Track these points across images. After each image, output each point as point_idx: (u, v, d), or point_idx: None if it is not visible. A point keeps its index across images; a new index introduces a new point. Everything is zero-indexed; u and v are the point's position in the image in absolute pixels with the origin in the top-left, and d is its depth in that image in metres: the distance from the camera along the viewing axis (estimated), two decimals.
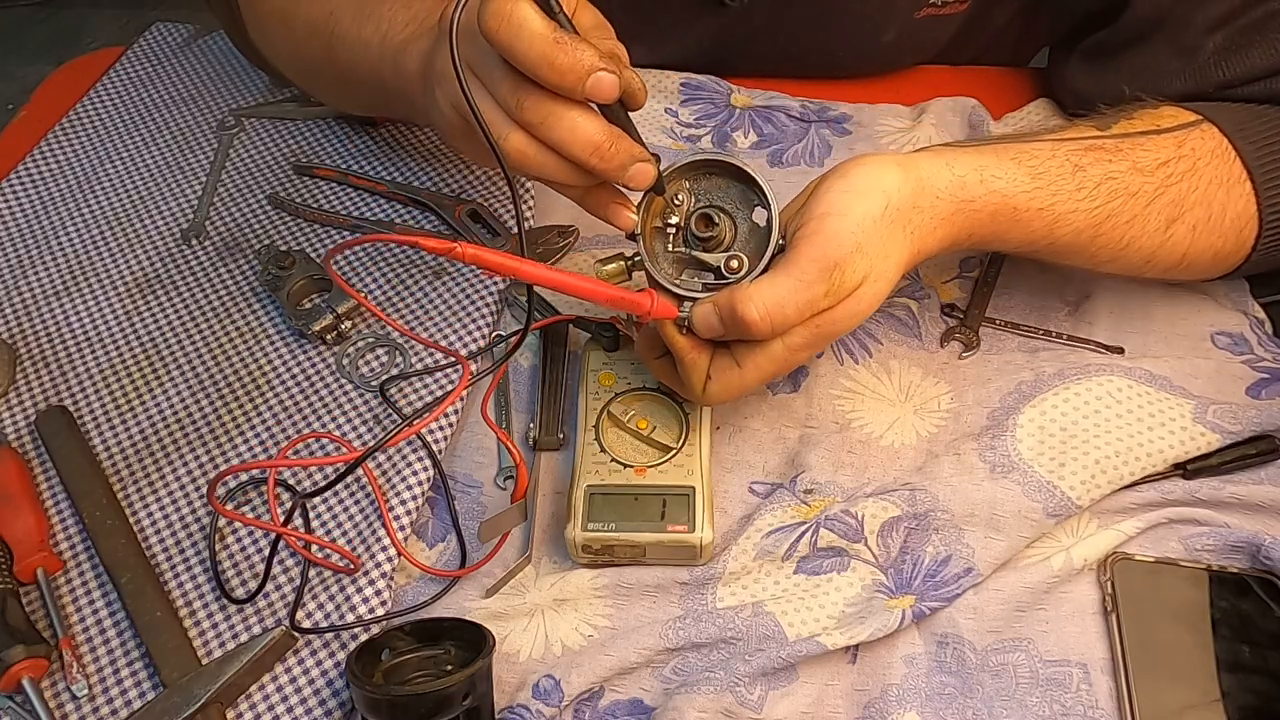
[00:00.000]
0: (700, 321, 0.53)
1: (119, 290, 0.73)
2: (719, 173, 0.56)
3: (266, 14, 0.75)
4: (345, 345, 0.69)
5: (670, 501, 0.56)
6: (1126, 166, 0.59)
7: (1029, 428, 0.60)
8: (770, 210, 0.54)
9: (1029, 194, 0.56)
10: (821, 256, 0.51)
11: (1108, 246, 0.60)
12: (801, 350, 0.53)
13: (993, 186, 0.55)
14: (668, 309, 0.54)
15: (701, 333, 0.53)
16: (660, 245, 0.56)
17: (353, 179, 0.79)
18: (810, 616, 0.54)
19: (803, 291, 0.51)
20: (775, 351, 0.53)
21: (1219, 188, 0.60)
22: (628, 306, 0.52)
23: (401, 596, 0.58)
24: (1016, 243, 0.58)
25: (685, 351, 0.55)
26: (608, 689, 0.54)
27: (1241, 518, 0.58)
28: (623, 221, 0.55)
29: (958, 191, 0.55)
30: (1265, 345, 0.66)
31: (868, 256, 0.52)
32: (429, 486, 0.61)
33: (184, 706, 0.52)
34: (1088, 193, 0.57)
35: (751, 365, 0.54)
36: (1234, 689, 0.52)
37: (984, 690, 0.53)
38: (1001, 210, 0.56)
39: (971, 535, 0.56)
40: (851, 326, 0.53)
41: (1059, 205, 0.57)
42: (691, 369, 0.55)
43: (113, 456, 0.64)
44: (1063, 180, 0.57)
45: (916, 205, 0.53)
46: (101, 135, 0.84)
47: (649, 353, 0.60)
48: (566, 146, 0.50)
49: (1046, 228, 0.57)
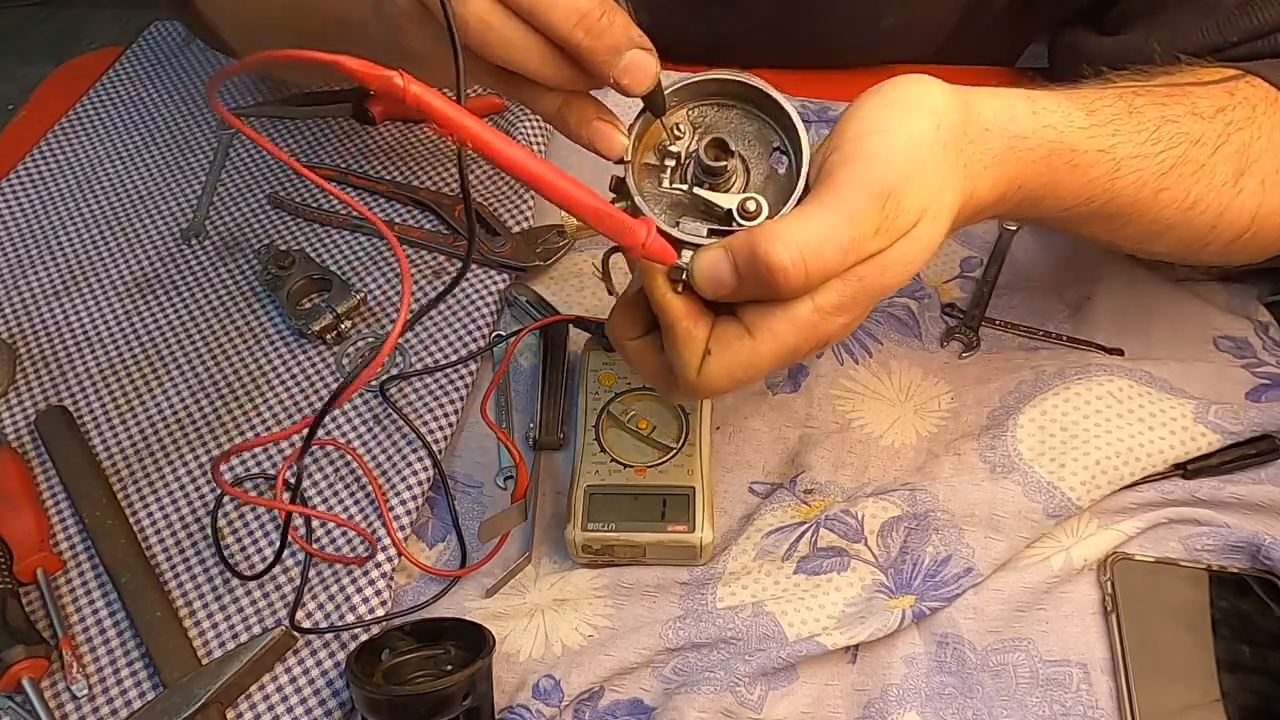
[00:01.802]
0: (706, 271, 0.41)
1: (119, 290, 0.73)
2: (732, 102, 0.45)
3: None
4: (345, 345, 0.69)
5: (670, 501, 0.56)
6: (1183, 110, 0.51)
7: (1029, 428, 0.60)
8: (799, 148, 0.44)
9: (1086, 131, 0.47)
10: (869, 182, 0.40)
11: (1172, 205, 0.51)
12: (836, 314, 0.41)
13: (1046, 120, 0.46)
14: (664, 249, 0.42)
15: (707, 288, 0.42)
16: (652, 185, 0.45)
17: (353, 179, 0.79)
18: (810, 616, 0.54)
19: (847, 228, 0.39)
20: (802, 315, 0.41)
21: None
22: (612, 227, 0.40)
23: (401, 596, 0.58)
24: (1072, 198, 0.49)
25: (679, 318, 0.43)
26: (608, 689, 0.54)
27: (1241, 518, 0.58)
28: (609, 143, 0.44)
29: (1008, 124, 0.45)
30: (1270, 350, 0.65)
31: (925, 185, 0.41)
32: (429, 486, 0.61)
33: (184, 706, 0.52)
34: (1149, 134, 0.49)
35: (768, 334, 0.42)
36: (1234, 689, 0.52)
37: (984, 690, 0.53)
38: (1057, 151, 0.47)
39: (971, 535, 0.56)
40: (902, 281, 0.42)
41: (1120, 148, 0.48)
42: (685, 342, 0.43)
43: (113, 456, 0.64)
44: (1120, 120, 0.48)
45: (966, 133, 0.44)
46: (101, 135, 0.84)
47: (624, 330, 0.47)
48: (544, 11, 0.40)
49: (1107, 177, 0.48)
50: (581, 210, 0.39)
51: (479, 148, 0.36)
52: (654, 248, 0.41)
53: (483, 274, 0.72)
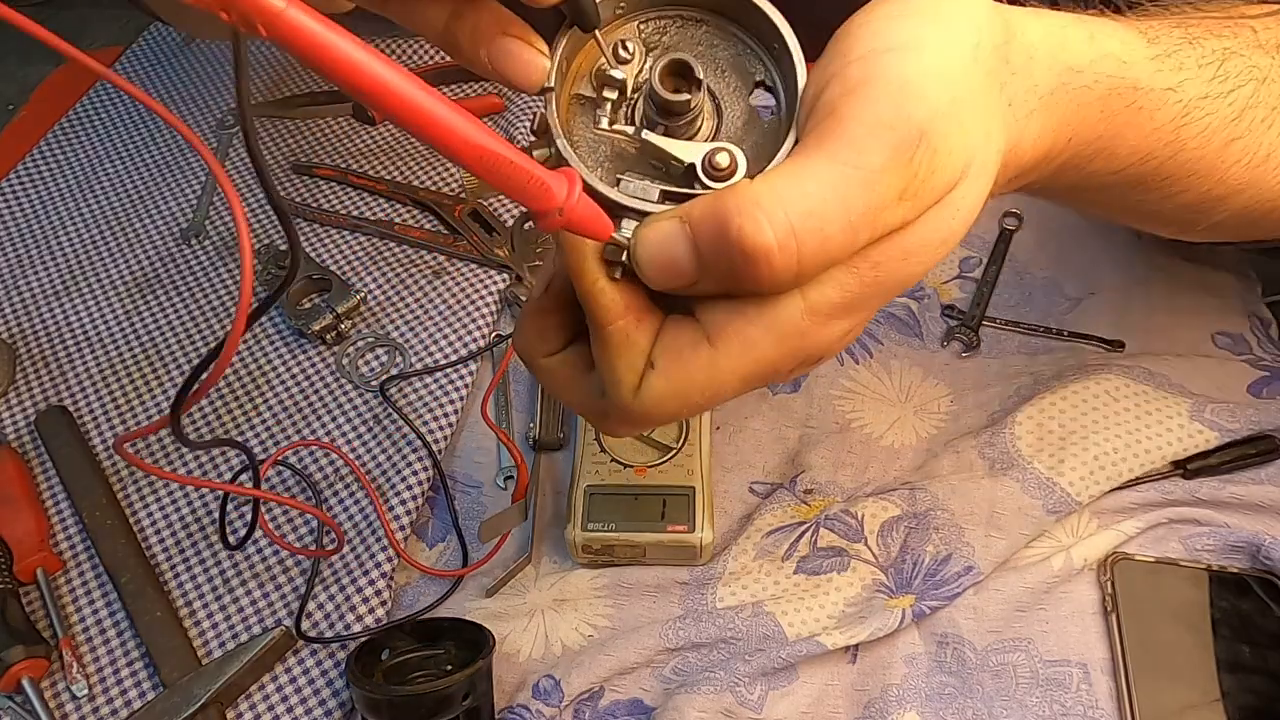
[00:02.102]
0: (655, 251, 0.30)
1: (119, 290, 0.73)
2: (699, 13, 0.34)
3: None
4: (345, 345, 0.69)
5: (670, 501, 0.56)
6: (1245, 42, 0.41)
7: (1027, 425, 0.60)
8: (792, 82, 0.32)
9: (1152, 63, 0.37)
10: (891, 120, 0.28)
11: (1242, 160, 0.41)
12: (835, 318, 0.30)
13: (1105, 48, 0.35)
14: (595, 217, 0.29)
15: (654, 274, 0.30)
16: (586, 126, 0.33)
17: (353, 178, 0.79)
18: (810, 616, 0.54)
19: (859, 191, 0.28)
20: (787, 319, 0.30)
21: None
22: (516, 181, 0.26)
23: (401, 596, 0.58)
24: (1129, 153, 0.38)
25: (613, 315, 0.31)
26: (608, 689, 0.54)
27: (1241, 518, 0.58)
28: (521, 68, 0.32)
29: (1058, 51, 0.34)
30: (1264, 346, 0.66)
31: (967, 126, 0.29)
32: (429, 486, 0.61)
33: (184, 706, 0.52)
34: (1215, 69, 0.39)
35: (737, 343, 0.30)
36: (1234, 689, 0.52)
37: (984, 690, 0.53)
38: (1118, 89, 0.36)
39: (971, 534, 0.56)
40: (935, 263, 0.31)
41: (1188, 85, 0.38)
42: (620, 349, 0.32)
43: (113, 456, 0.64)
44: (1183, 51, 0.38)
45: (1009, 60, 0.32)
46: (101, 135, 0.84)
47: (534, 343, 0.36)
48: None
49: (1173, 125, 0.38)
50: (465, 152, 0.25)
51: (283, 34, 0.22)
52: (579, 213, 0.28)
53: (483, 274, 0.72)
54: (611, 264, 0.31)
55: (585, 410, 0.36)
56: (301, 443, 0.63)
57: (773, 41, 0.33)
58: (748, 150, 0.32)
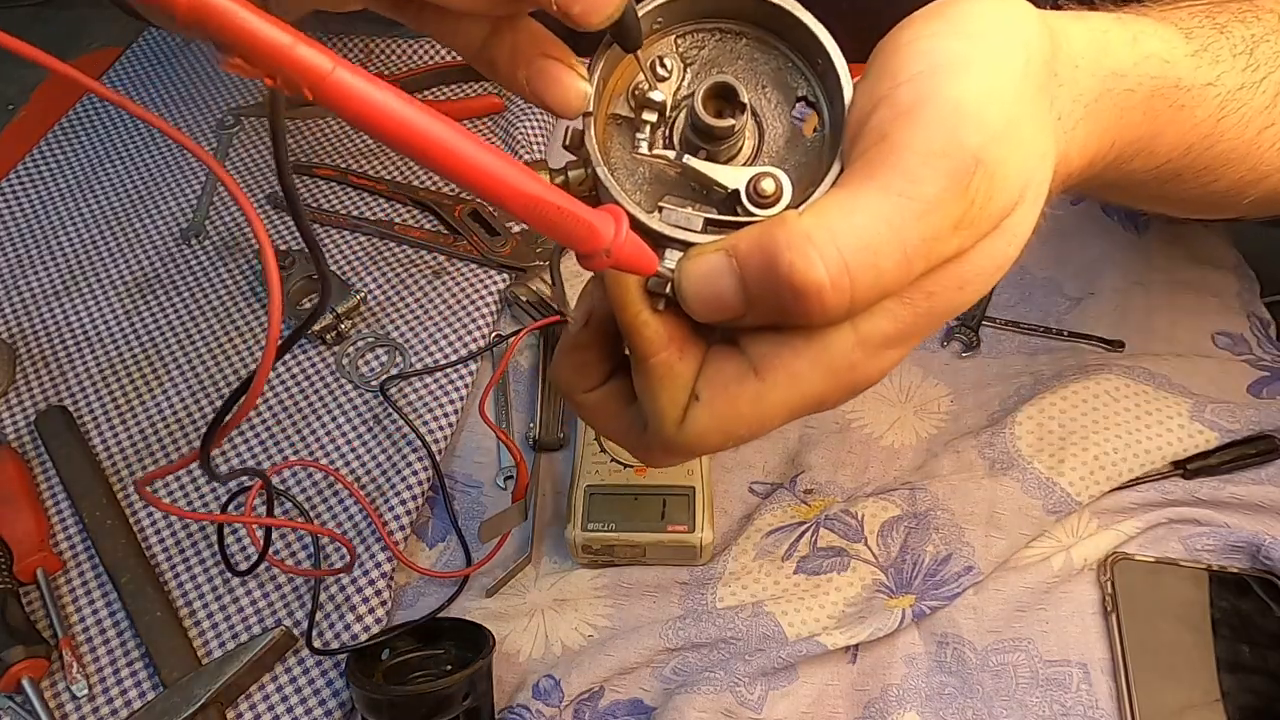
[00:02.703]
0: (701, 285, 0.29)
1: (119, 290, 0.73)
2: (740, 26, 0.32)
3: None
4: (345, 345, 0.69)
5: (670, 501, 0.56)
6: (1268, 27, 0.40)
7: (1027, 425, 0.60)
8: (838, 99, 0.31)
9: (1192, 60, 0.37)
10: (946, 147, 0.28)
11: (1274, 145, 0.41)
12: (886, 349, 0.30)
13: (1147, 48, 0.35)
14: (639, 254, 0.28)
15: (700, 309, 0.30)
16: (624, 147, 0.32)
17: (353, 178, 0.79)
18: (810, 616, 0.54)
19: (914, 222, 0.27)
20: (838, 351, 0.29)
21: None
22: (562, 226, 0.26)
23: (401, 596, 0.58)
24: (1168, 149, 0.39)
25: (657, 347, 0.31)
26: (608, 689, 0.54)
27: (1241, 518, 0.58)
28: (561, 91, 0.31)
29: (1102, 57, 0.34)
30: (1264, 346, 0.66)
31: (1023, 149, 0.29)
32: (428, 487, 0.61)
33: (184, 706, 0.52)
34: (1247, 59, 0.39)
35: (784, 377, 0.30)
36: (1234, 689, 0.52)
37: (984, 690, 0.53)
38: (1161, 89, 0.36)
39: (972, 534, 0.56)
40: (983, 294, 0.30)
41: (1226, 78, 0.38)
42: (664, 382, 0.31)
43: (112, 456, 0.64)
44: (1217, 44, 0.38)
45: (1056, 73, 0.32)
46: (101, 135, 0.84)
47: (575, 379, 0.35)
48: None
49: (1213, 118, 0.38)
50: (513, 201, 0.24)
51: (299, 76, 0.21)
52: (626, 252, 0.27)
53: (483, 274, 0.72)
54: (654, 295, 0.30)
55: (628, 443, 0.36)
56: (298, 462, 0.63)
57: (816, 56, 0.31)
58: (790, 171, 0.31)
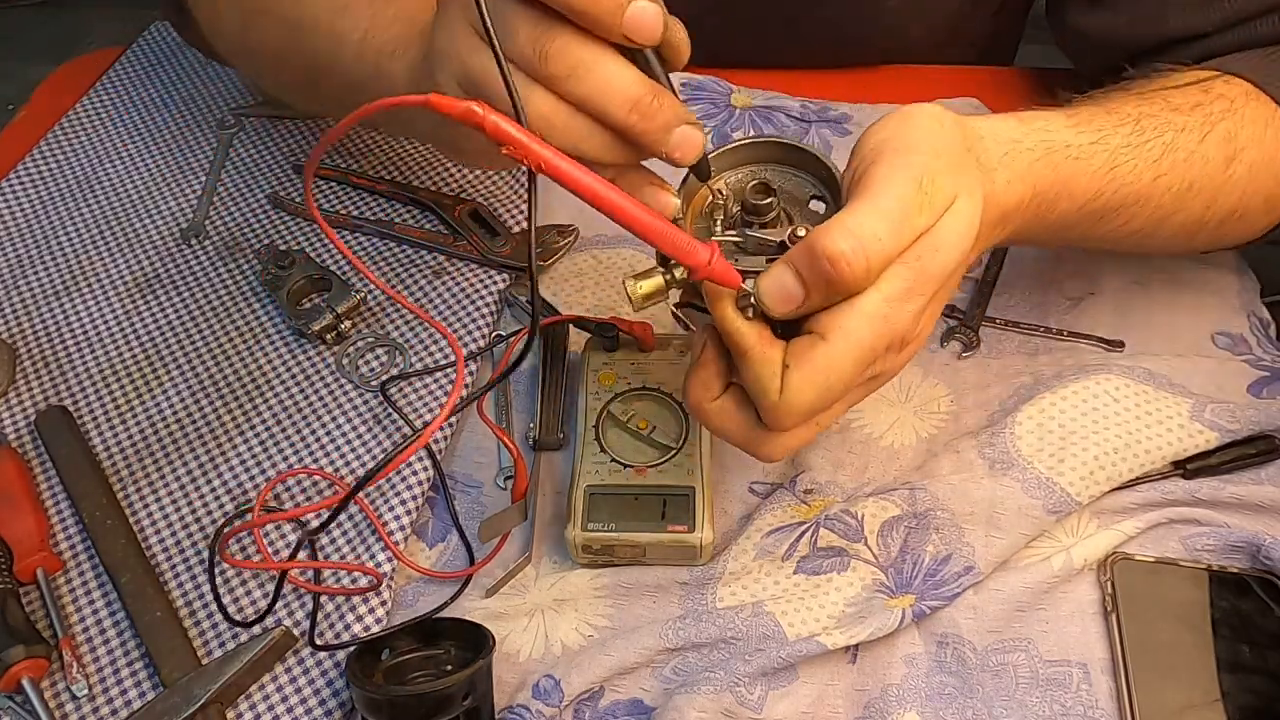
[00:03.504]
0: (773, 288, 0.43)
1: (119, 290, 0.73)
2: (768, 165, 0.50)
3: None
4: (345, 345, 0.69)
5: (670, 501, 0.56)
6: (1159, 106, 0.55)
7: (1027, 425, 0.60)
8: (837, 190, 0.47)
9: (1074, 129, 0.51)
10: (902, 167, 0.43)
11: (1170, 190, 0.54)
12: (904, 301, 0.43)
13: (1033, 126, 0.50)
14: (728, 271, 0.43)
15: (775, 304, 0.43)
16: (702, 230, 0.48)
17: (353, 179, 0.79)
18: (810, 616, 0.54)
19: (895, 207, 0.41)
20: (871, 306, 0.42)
21: (1265, 127, 0.58)
22: (680, 248, 0.42)
23: (401, 596, 0.58)
24: (1082, 192, 0.52)
25: (752, 343, 0.44)
26: (608, 689, 0.54)
27: (1241, 518, 0.58)
28: (664, 207, 0.46)
29: (1000, 133, 0.49)
30: (1264, 346, 0.66)
31: (951, 167, 0.44)
32: (428, 487, 0.61)
33: (184, 706, 0.52)
34: (1132, 126, 0.53)
35: (840, 333, 0.42)
36: (1234, 689, 0.52)
37: (984, 690, 0.53)
38: (1054, 147, 0.50)
39: (972, 533, 0.56)
40: (959, 257, 0.44)
41: (1110, 139, 0.52)
42: (762, 364, 0.44)
43: (112, 456, 0.64)
44: (1101, 118, 0.53)
45: (966, 140, 0.46)
46: (101, 135, 0.84)
47: (703, 394, 0.48)
48: (600, 101, 0.42)
49: (1106, 167, 0.52)
50: (649, 232, 0.42)
51: (552, 172, 0.39)
52: (719, 267, 0.43)
53: (483, 274, 0.72)
54: (743, 309, 0.44)
55: (743, 438, 0.48)
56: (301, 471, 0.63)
57: (820, 171, 0.48)
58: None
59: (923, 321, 0.45)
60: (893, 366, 0.47)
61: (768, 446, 0.48)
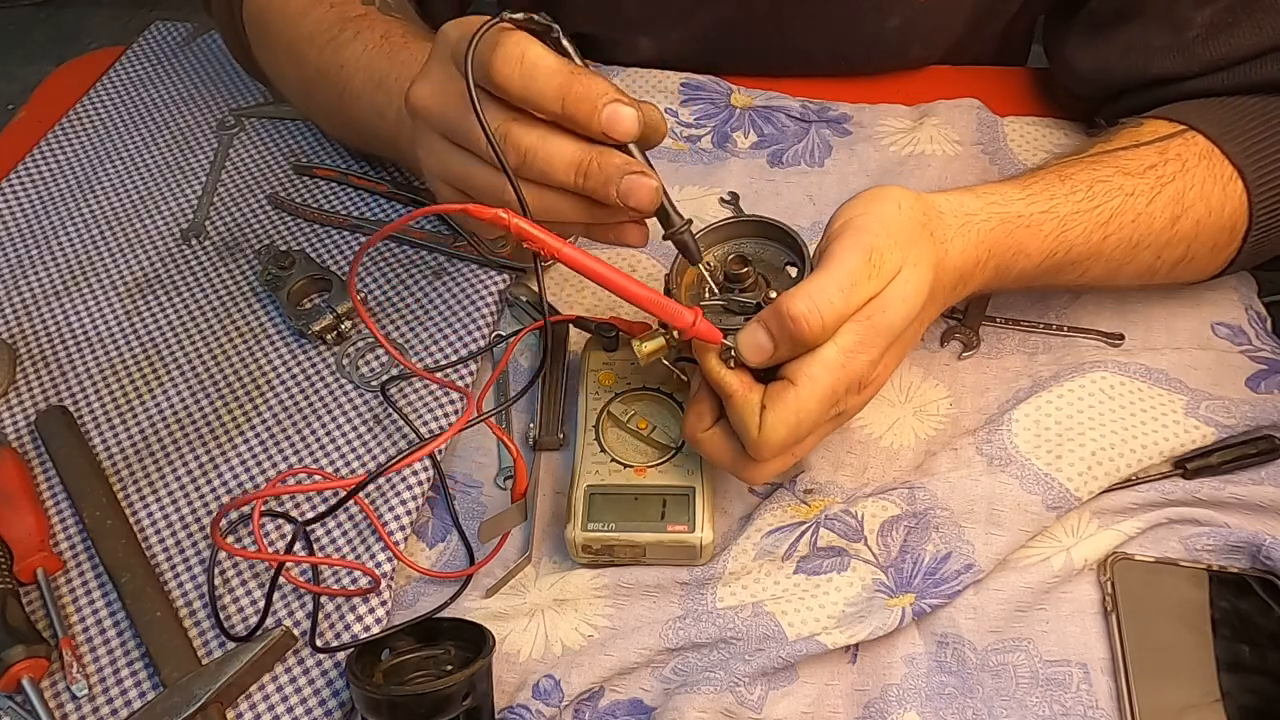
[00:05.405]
0: (748, 342, 0.51)
1: (119, 290, 0.73)
2: (745, 240, 0.58)
3: (276, 45, 0.74)
4: (345, 345, 0.69)
5: (670, 501, 0.56)
6: (1112, 171, 0.61)
7: (1025, 421, 0.60)
8: (804, 257, 0.54)
9: (1025, 200, 0.58)
10: (855, 245, 0.50)
11: (1119, 247, 0.60)
12: (856, 351, 0.50)
13: (989, 199, 0.58)
14: (711, 330, 0.52)
15: (751, 355, 0.51)
16: (693, 298, 0.56)
17: (353, 179, 0.79)
18: (810, 616, 0.54)
19: (845, 276, 0.49)
20: (829, 357, 0.50)
21: (1214, 185, 0.62)
22: (670, 314, 0.51)
23: (401, 596, 0.58)
24: (1037, 253, 0.59)
25: (735, 387, 0.52)
26: (608, 689, 0.54)
27: (1241, 518, 0.58)
28: (632, 237, 0.54)
29: (958, 207, 0.56)
30: (1262, 338, 0.66)
31: (899, 244, 0.51)
32: (429, 487, 0.61)
33: (184, 706, 0.52)
34: (1084, 193, 0.59)
35: (806, 379, 0.50)
36: (1234, 689, 0.52)
37: (984, 690, 0.53)
38: (1006, 217, 0.57)
39: (971, 531, 0.56)
40: (904, 316, 0.51)
41: (1060, 207, 0.59)
42: (744, 406, 0.51)
43: (113, 456, 0.64)
44: (1054, 187, 0.59)
45: (925, 215, 0.54)
46: (101, 135, 0.84)
47: (697, 425, 0.55)
48: (551, 174, 0.49)
49: (1058, 231, 0.59)
50: (646, 303, 0.50)
51: (565, 261, 0.48)
52: (702, 328, 0.51)
53: (483, 274, 0.72)
54: (726, 360, 0.52)
55: (730, 464, 0.54)
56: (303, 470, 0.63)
57: (792, 241, 0.56)
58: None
59: (878, 369, 0.52)
60: (854, 405, 0.54)
61: (750, 472, 0.54)
